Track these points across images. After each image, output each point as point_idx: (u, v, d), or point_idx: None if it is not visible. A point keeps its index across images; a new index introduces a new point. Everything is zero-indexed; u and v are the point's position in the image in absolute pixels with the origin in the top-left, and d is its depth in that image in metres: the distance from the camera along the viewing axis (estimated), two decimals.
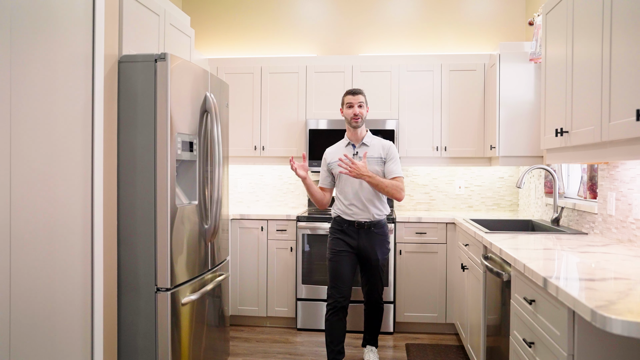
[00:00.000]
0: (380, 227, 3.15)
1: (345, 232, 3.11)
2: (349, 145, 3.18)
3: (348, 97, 3.11)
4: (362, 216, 3.08)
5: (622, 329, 1.25)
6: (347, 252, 3.09)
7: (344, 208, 3.11)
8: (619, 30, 1.89)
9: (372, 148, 3.13)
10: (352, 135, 3.18)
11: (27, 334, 1.81)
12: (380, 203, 3.13)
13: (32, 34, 1.82)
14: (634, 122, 1.71)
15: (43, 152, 1.89)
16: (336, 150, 3.21)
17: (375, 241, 3.12)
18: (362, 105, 3.11)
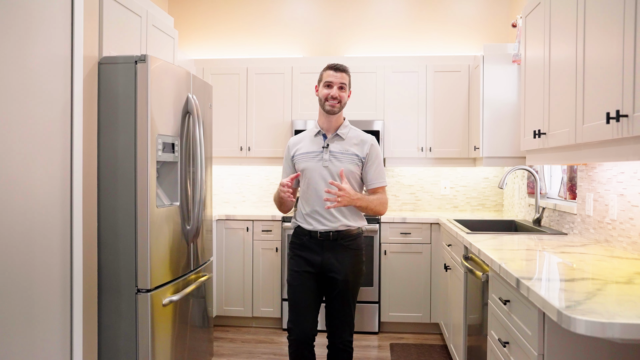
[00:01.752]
0: (350, 239, 2.44)
1: (307, 247, 2.43)
2: (319, 134, 2.50)
3: (329, 72, 2.42)
4: (327, 225, 2.41)
5: (585, 329, 1.27)
6: (309, 274, 2.42)
7: (305, 215, 2.45)
8: (591, 34, 1.92)
9: (348, 141, 2.46)
10: (324, 123, 2.48)
11: (4, 336, 1.81)
12: (353, 213, 2.46)
13: (4, 33, 1.81)
14: (604, 125, 1.74)
15: (21, 151, 1.88)
16: (302, 140, 2.54)
17: (343, 257, 2.41)
18: (345, 87, 2.43)
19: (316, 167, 2.43)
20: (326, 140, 2.47)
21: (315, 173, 2.42)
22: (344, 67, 2.45)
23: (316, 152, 2.45)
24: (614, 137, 1.71)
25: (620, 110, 1.64)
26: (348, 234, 2.44)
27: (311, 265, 2.42)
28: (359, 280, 2.49)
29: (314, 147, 2.46)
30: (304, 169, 2.46)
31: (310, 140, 2.51)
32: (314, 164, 2.44)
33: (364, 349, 3.64)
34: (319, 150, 2.45)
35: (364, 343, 3.77)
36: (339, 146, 2.45)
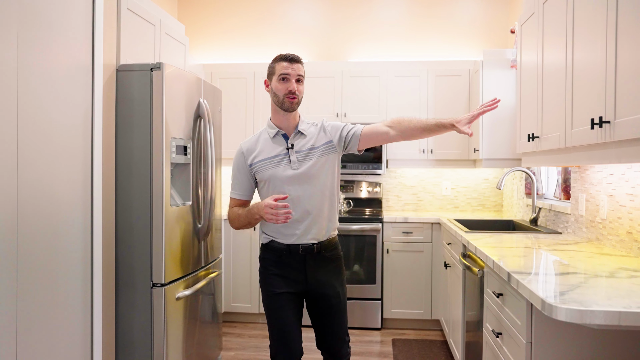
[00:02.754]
0: (333, 248, 2.23)
1: (286, 264, 2.16)
2: (278, 135, 2.17)
3: (282, 64, 2.09)
4: (310, 236, 2.14)
5: (565, 316, 1.41)
6: (289, 295, 2.16)
7: (281, 228, 2.14)
8: (579, 43, 2.05)
9: (311, 136, 2.18)
10: (282, 122, 2.17)
11: (33, 325, 1.95)
12: (334, 213, 2.23)
13: (33, 42, 1.96)
14: (589, 130, 1.87)
15: (47, 155, 2.03)
16: (258, 144, 2.19)
17: (329, 270, 2.21)
18: (302, 80, 2.13)
19: (285, 172, 2.12)
20: (289, 140, 2.16)
21: (286, 179, 2.12)
22: (298, 57, 2.13)
23: (280, 156, 2.14)
24: (598, 142, 1.84)
25: (603, 117, 1.77)
26: (330, 243, 2.21)
27: (294, 284, 2.15)
28: (346, 290, 2.28)
29: (276, 151, 2.15)
30: (269, 177, 2.13)
31: (268, 143, 2.18)
32: (280, 168, 2.12)
33: (367, 344, 3.78)
34: (283, 153, 2.14)
35: (367, 339, 3.90)
36: (305, 143, 2.15)
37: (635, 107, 1.57)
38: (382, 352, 3.64)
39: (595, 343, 1.64)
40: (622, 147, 1.70)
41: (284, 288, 2.15)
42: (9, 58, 1.82)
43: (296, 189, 2.11)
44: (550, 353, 1.67)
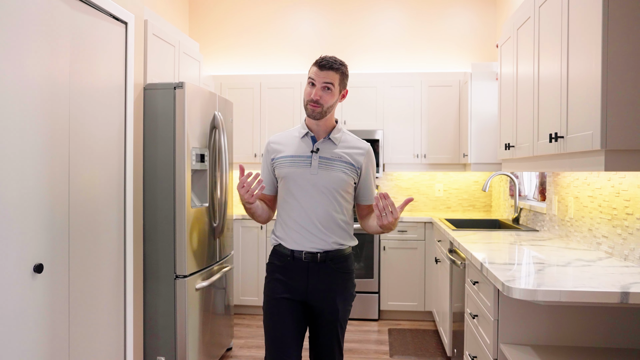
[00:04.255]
0: (341, 260, 2.08)
1: (288, 270, 2.06)
2: (307, 136, 2.09)
3: (313, 69, 1.99)
4: (315, 244, 2.03)
5: (519, 295, 1.76)
6: (290, 302, 2.04)
7: (288, 232, 2.06)
8: (543, 63, 2.40)
9: (341, 147, 2.07)
10: (311, 125, 2.08)
11: (78, 311, 2.31)
12: (343, 230, 2.08)
13: (81, 64, 2.31)
14: (548, 143, 2.22)
15: (89, 163, 2.38)
16: (286, 141, 2.13)
17: (333, 283, 2.06)
18: (331, 87, 1.98)
19: (302, 175, 2.03)
20: (315, 144, 2.06)
21: (301, 182, 2.03)
22: (332, 63, 1.97)
23: (303, 157, 2.04)
24: (555, 153, 2.19)
25: (558, 133, 2.13)
26: (338, 254, 2.06)
27: (293, 291, 2.05)
28: (349, 307, 2.13)
29: (300, 151, 2.06)
30: (285, 175, 2.05)
31: (296, 143, 2.09)
32: (299, 170, 2.03)
33: (365, 334, 4.13)
34: (306, 155, 2.04)
35: (365, 329, 4.25)
36: (331, 152, 2.04)
37: (582, 125, 1.92)
38: (379, 340, 3.99)
39: (548, 319, 2.00)
40: (573, 158, 2.05)
41: (284, 294, 2.04)
42: (63, 77, 2.17)
43: (308, 194, 2.01)
44: (513, 328, 2.02)
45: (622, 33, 1.73)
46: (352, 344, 3.88)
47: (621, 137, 1.73)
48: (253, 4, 5.17)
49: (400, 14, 5.03)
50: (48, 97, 2.07)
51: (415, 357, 3.62)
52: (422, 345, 3.85)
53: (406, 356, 3.64)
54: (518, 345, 2.03)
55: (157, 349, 2.95)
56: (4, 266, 1.83)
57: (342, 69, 2.00)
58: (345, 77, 2.04)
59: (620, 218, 2.32)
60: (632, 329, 1.98)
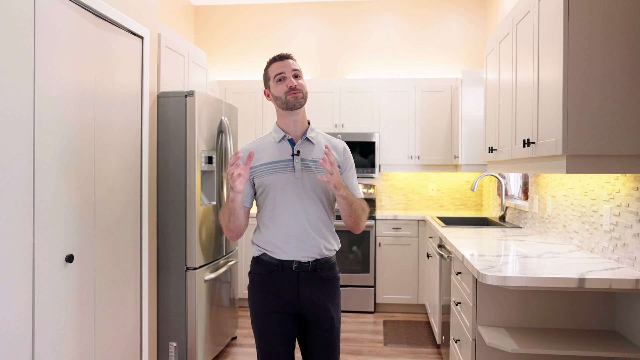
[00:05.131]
0: (330, 268, 2.04)
1: (277, 281, 1.97)
2: (284, 140, 2.00)
3: (274, 66, 1.98)
4: (305, 253, 1.96)
5: (492, 281, 2.03)
6: (281, 315, 1.98)
7: (275, 241, 1.96)
8: (520, 73, 2.67)
9: (319, 147, 2.02)
10: (288, 125, 2.00)
11: (102, 298, 2.57)
12: (331, 233, 2.04)
13: (104, 73, 2.57)
14: (522, 147, 2.48)
15: (111, 166, 2.64)
16: (262, 147, 2.02)
17: (324, 291, 2.01)
18: (299, 74, 1.98)
19: (287, 181, 1.94)
20: (295, 147, 1.99)
21: (286, 187, 1.94)
22: (287, 53, 2.01)
23: (284, 162, 1.96)
24: (528, 157, 2.45)
25: (530, 139, 2.39)
26: (327, 262, 2.02)
27: (284, 304, 1.97)
28: (340, 315, 2.09)
29: (280, 155, 1.97)
30: (269, 183, 1.94)
31: (273, 148, 2.00)
32: (283, 176, 1.95)
33: (361, 324, 4.39)
34: (287, 159, 1.96)
35: (361, 320, 4.52)
36: (310, 153, 1.99)
37: (549, 132, 2.18)
38: (374, 331, 4.26)
39: (520, 304, 2.27)
40: (543, 162, 2.32)
41: (274, 308, 1.97)
42: (89, 86, 2.43)
43: (296, 200, 1.94)
44: (488, 312, 2.29)
45: (579, 48, 1.98)
46: (348, 334, 4.14)
47: (580, 143, 1.99)
48: (255, 13, 5.43)
49: (395, 23, 5.30)
50: (78, 104, 2.33)
51: (407, 345, 3.89)
52: (414, 335, 4.12)
53: (399, 345, 3.91)
54: (493, 327, 2.29)
55: (169, 336, 3.22)
56: (42, 255, 2.09)
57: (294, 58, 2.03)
58: None
59: (588, 215, 2.58)
60: (591, 312, 2.24)
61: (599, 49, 1.97)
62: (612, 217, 2.31)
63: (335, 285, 2.06)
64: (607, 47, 1.97)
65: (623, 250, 2.21)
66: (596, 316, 2.25)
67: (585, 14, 1.98)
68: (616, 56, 1.96)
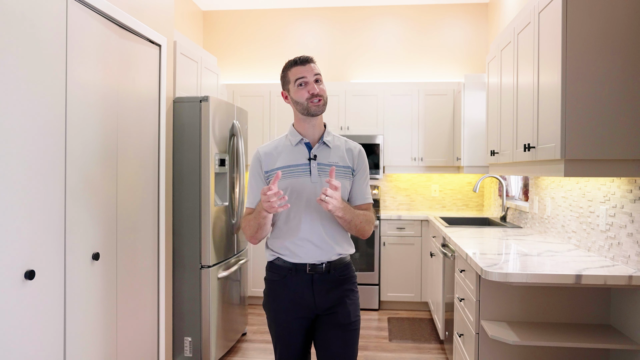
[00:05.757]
0: (345, 269, 2.02)
1: (291, 285, 1.97)
2: (301, 143, 1.99)
3: (295, 69, 1.95)
4: (319, 257, 1.95)
5: (495, 277, 2.16)
6: (300, 319, 1.99)
7: (289, 245, 1.96)
8: (522, 79, 2.80)
9: (336, 150, 2.01)
10: (305, 129, 1.99)
11: (125, 292, 2.70)
12: (346, 239, 2.04)
13: (126, 78, 2.71)
14: (523, 151, 2.62)
15: (132, 168, 2.78)
16: (279, 150, 2.01)
17: (342, 293, 1.99)
18: (320, 79, 1.97)
19: (303, 185, 1.93)
20: (312, 151, 1.97)
21: (302, 192, 1.93)
22: (309, 57, 1.98)
23: (301, 166, 1.96)
24: (529, 160, 2.59)
25: (531, 143, 2.53)
26: (341, 263, 2.00)
27: (302, 309, 1.97)
28: (360, 316, 2.04)
29: (296, 160, 1.96)
30: (286, 187, 1.93)
31: (290, 151, 1.99)
32: (299, 180, 1.94)
33: (366, 322, 4.53)
34: (304, 163, 1.96)
35: (366, 317, 4.65)
36: (327, 157, 1.98)
37: (548, 137, 2.31)
38: (379, 327, 4.39)
39: (520, 299, 2.40)
40: (543, 165, 2.45)
41: (291, 312, 1.97)
42: (113, 92, 2.57)
43: (311, 204, 1.93)
44: (491, 307, 2.43)
45: (577, 58, 2.12)
46: None
47: (578, 149, 2.13)
48: (263, 18, 5.57)
49: (399, 28, 5.43)
50: (103, 109, 2.47)
51: (411, 341, 4.03)
52: (418, 331, 4.26)
53: (403, 340, 4.05)
54: (495, 321, 2.43)
55: (184, 331, 3.35)
56: (72, 253, 2.22)
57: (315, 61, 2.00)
58: None
59: (585, 216, 2.72)
60: (588, 307, 2.38)
61: (595, 59, 2.11)
62: (607, 218, 2.45)
63: (351, 284, 2.03)
64: (603, 58, 2.10)
65: (618, 248, 2.35)
66: (592, 311, 2.39)
67: (582, 25, 2.12)
68: (611, 67, 2.10)
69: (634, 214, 2.20)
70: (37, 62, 1.98)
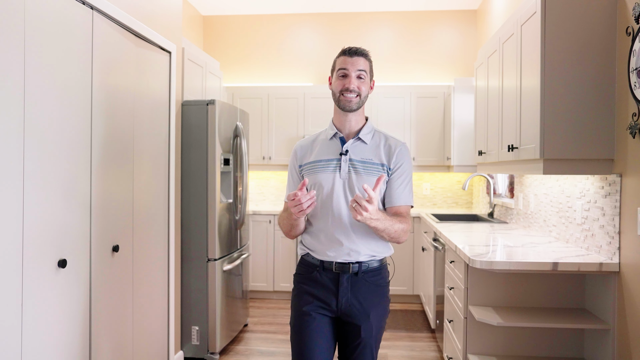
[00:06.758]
0: (376, 273, 1.93)
1: (318, 282, 1.92)
2: (335, 137, 1.95)
3: (343, 59, 1.92)
4: (348, 255, 1.88)
5: (480, 265, 2.40)
6: (320, 317, 1.91)
7: (317, 243, 1.93)
8: (506, 84, 3.04)
9: (372, 147, 1.93)
10: (341, 123, 1.95)
11: (139, 284, 2.91)
12: (377, 238, 1.91)
13: (141, 81, 2.91)
14: (507, 152, 2.86)
15: (146, 166, 2.98)
16: (313, 144, 2.00)
17: (367, 298, 1.90)
18: (364, 76, 1.90)
19: (332, 181, 1.88)
20: (345, 146, 1.91)
21: (330, 188, 1.88)
22: (362, 50, 1.92)
23: (332, 161, 1.91)
24: (513, 160, 2.83)
25: (514, 144, 2.77)
26: (372, 266, 1.91)
27: (323, 306, 1.91)
28: (384, 323, 1.97)
29: (328, 154, 1.92)
30: (314, 183, 1.90)
31: (324, 145, 1.96)
32: (328, 176, 1.89)
33: None
34: (335, 158, 1.90)
35: None
36: (361, 153, 1.90)
37: (529, 139, 2.55)
38: None
39: (505, 286, 2.65)
40: (525, 164, 2.70)
41: (314, 308, 1.90)
42: (129, 96, 2.77)
43: (339, 201, 1.87)
44: (478, 293, 2.67)
45: (554, 66, 2.36)
46: None
47: (555, 149, 2.37)
48: (261, 23, 5.78)
49: (392, 34, 5.67)
50: (121, 112, 2.67)
51: (405, 331, 4.26)
52: (410, 322, 4.50)
53: (397, 330, 4.28)
54: (482, 306, 2.67)
55: (191, 320, 3.56)
56: (96, 245, 2.43)
57: (369, 56, 1.94)
58: (372, 65, 1.96)
59: (564, 210, 2.96)
60: (565, 293, 2.63)
61: (570, 68, 2.35)
62: (583, 212, 2.69)
63: (381, 291, 1.93)
64: (577, 67, 2.35)
65: (592, 240, 2.60)
66: (569, 296, 2.64)
67: (559, 38, 2.36)
68: (583, 75, 2.34)
69: (605, 208, 2.45)
70: (68, 70, 2.18)
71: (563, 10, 2.37)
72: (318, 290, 1.91)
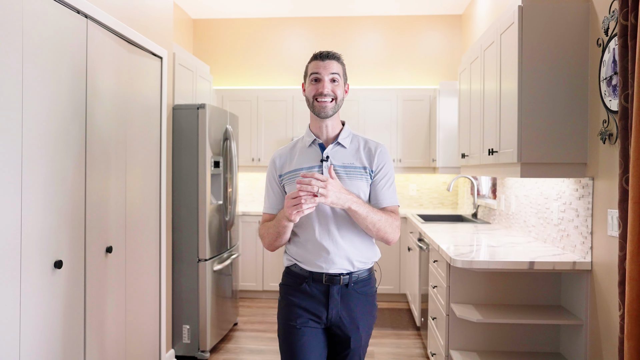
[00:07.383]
0: (366, 283, 1.92)
1: (306, 293, 1.89)
2: (314, 144, 1.92)
3: (315, 63, 1.88)
4: (337, 265, 1.84)
5: (461, 264, 2.51)
6: (309, 330, 1.87)
7: (305, 252, 1.88)
8: (487, 90, 3.16)
9: (352, 151, 1.90)
10: (319, 130, 1.92)
11: (132, 283, 2.98)
12: (366, 244, 1.90)
13: (133, 86, 2.98)
14: (488, 155, 2.98)
15: (138, 169, 3.06)
16: (292, 153, 1.96)
17: (355, 307, 1.89)
18: (338, 80, 1.87)
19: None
20: (325, 152, 1.88)
21: None
22: (334, 53, 1.89)
23: (313, 168, 1.87)
24: (493, 163, 2.95)
25: (494, 148, 2.89)
26: (362, 276, 1.89)
27: (315, 319, 1.87)
28: (370, 332, 1.97)
29: (309, 161, 1.89)
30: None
31: (303, 152, 1.92)
32: None
33: None
34: (316, 165, 1.87)
35: None
36: (342, 158, 1.88)
37: (508, 143, 2.67)
38: None
39: (485, 284, 2.76)
40: (504, 167, 2.81)
41: (302, 321, 1.86)
42: (123, 100, 2.85)
43: (324, 208, 1.83)
44: (459, 291, 2.78)
45: (530, 72, 2.48)
46: None
47: (531, 153, 2.49)
48: (250, 26, 5.86)
49: (379, 38, 5.78)
50: (116, 116, 2.75)
51: (391, 329, 4.37)
52: (397, 320, 4.61)
53: (384, 328, 4.39)
54: (463, 304, 2.78)
55: (182, 319, 3.64)
56: (91, 247, 2.50)
57: (342, 60, 1.92)
58: (345, 68, 1.93)
59: (542, 212, 3.09)
60: (542, 291, 2.75)
61: (546, 77, 2.48)
62: (559, 213, 2.82)
63: (370, 300, 1.93)
64: (551, 75, 2.47)
65: (567, 239, 2.72)
66: (546, 294, 2.76)
67: (535, 48, 2.48)
68: (558, 83, 2.47)
69: (579, 209, 2.57)
70: (63, 75, 2.25)
71: (539, 21, 2.49)
72: (307, 303, 1.87)
